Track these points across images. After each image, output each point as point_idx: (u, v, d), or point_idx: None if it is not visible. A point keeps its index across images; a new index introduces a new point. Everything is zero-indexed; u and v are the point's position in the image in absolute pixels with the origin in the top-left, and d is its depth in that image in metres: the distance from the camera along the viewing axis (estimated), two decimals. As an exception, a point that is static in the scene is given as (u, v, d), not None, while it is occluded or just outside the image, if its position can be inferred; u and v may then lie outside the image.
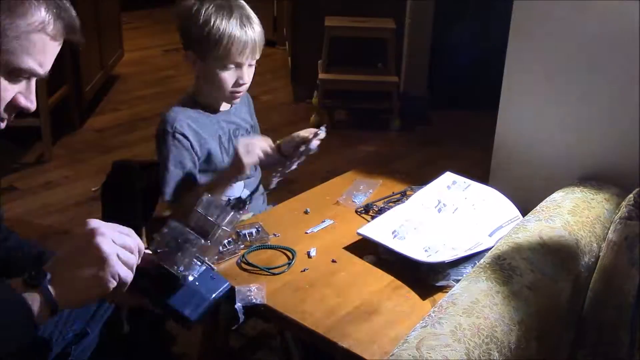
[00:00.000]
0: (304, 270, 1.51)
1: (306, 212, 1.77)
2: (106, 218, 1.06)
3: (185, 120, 1.78)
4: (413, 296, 1.40)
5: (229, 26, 1.71)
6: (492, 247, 1.48)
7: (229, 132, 1.88)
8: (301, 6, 4.57)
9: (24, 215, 3.05)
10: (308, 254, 1.57)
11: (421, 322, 1.21)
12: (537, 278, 1.35)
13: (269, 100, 4.68)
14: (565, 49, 1.79)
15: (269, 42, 6.10)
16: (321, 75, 4.22)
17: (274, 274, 1.49)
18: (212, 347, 1.75)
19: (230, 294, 1.32)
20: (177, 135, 1.76)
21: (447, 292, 1.37)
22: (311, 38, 4.35)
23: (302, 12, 4.58)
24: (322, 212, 1.78)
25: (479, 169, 2.24)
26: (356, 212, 1.78)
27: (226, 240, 1.56)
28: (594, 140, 1.80)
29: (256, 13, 1.80)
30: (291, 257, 1.55)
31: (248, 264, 1.52)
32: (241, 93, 1.82)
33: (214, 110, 1.86)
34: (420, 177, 2.01)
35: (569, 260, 1.44)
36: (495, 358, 1.16)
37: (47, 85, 3.44)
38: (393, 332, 1.33)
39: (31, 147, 3.70)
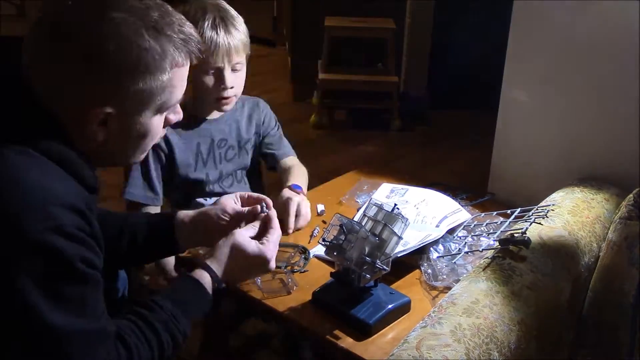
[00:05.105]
0: (304, 271, 1.51)
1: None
2: None
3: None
4: (413, 296, 1.40)
5: (200, 29, 1.65)
6: (443, 235, 1.55)
7: (212, 142, 1.83)
8: (301, 6, 4.57)
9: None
10: (308, 254, 1.57)
11: (421, 322, 1.21)
12: (537, 278, 1.35)
13: (269, 100, 4.59)
14: (565, 49, 1.79)
15: (268, 42, 6.08)
16: (321, 75, 4.22)
17: (293, 271, 1.49)
18: (212, 347, 1.75)
19: None
20: None
21: (447, 292, 1.37)
22: (311, 38, 4.35)
23: (302, 12, 4.58)
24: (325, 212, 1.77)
25: (478, 169, 2.24)
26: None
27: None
28: (594, 140, 1.80)
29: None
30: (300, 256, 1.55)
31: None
32: (229, 99, 1.77)
33: (202, 118, 1.82)
34: (420, 177, 2.01)
35: (569, 260, 1.44)
36: (495, 358, 1.16)
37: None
38: (393, 332, 1.33)
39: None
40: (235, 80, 1.76)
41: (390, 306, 1.34)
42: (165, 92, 1.08)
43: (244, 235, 1.28)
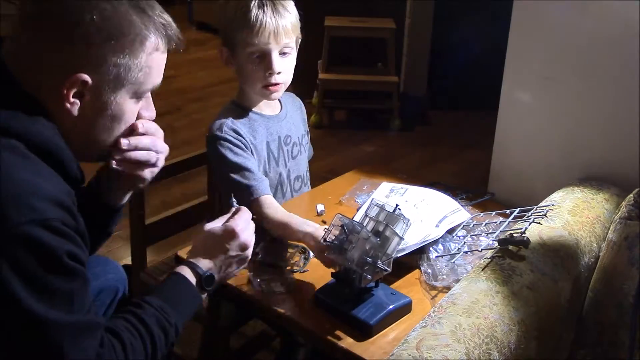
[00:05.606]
0: (304, 271, 1.51)
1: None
2: None
3: (233, 123, 1.65)
4: (413, 296, 1.40)
5: (247, 8, 1.59)
6: (442, 235, 1.55)
7: (279, 139, 1.74)
8: (301, 6, 4.56)
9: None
10: (307, 253, 1.57)
11: (421, 322, 1.21)
12: (537, 278, 1.35)
13: (269, 100, 4.67)
14: (565, 49, 1.79)
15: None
16: (321, 75, 4.22)
17: (293, 271, 1.49)
18: (213, 348, 1.75)
19: None
20: (229, 137, 1.62)
21: (446, 292, 1.37)
22: (311, 38, 4.34)
23: (302, 12, 4.57)
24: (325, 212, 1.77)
25: (478, 169, 2.24)
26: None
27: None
28: (593, 141, 1.80)
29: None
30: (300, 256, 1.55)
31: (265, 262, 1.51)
32: (277, 86, 1.65)
33: (260, 113, 1.72)
34: (420, 177, 2.01)
35: (569, 260, 1.44)
36: (495, 358, 1.16)
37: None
38: (393, 332, 1.33)
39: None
40: (284, 65, 1.65)
41: (391, 307, 1.34)
42: (141, 73, 1.10)
43: (212, 222, 1.34)
